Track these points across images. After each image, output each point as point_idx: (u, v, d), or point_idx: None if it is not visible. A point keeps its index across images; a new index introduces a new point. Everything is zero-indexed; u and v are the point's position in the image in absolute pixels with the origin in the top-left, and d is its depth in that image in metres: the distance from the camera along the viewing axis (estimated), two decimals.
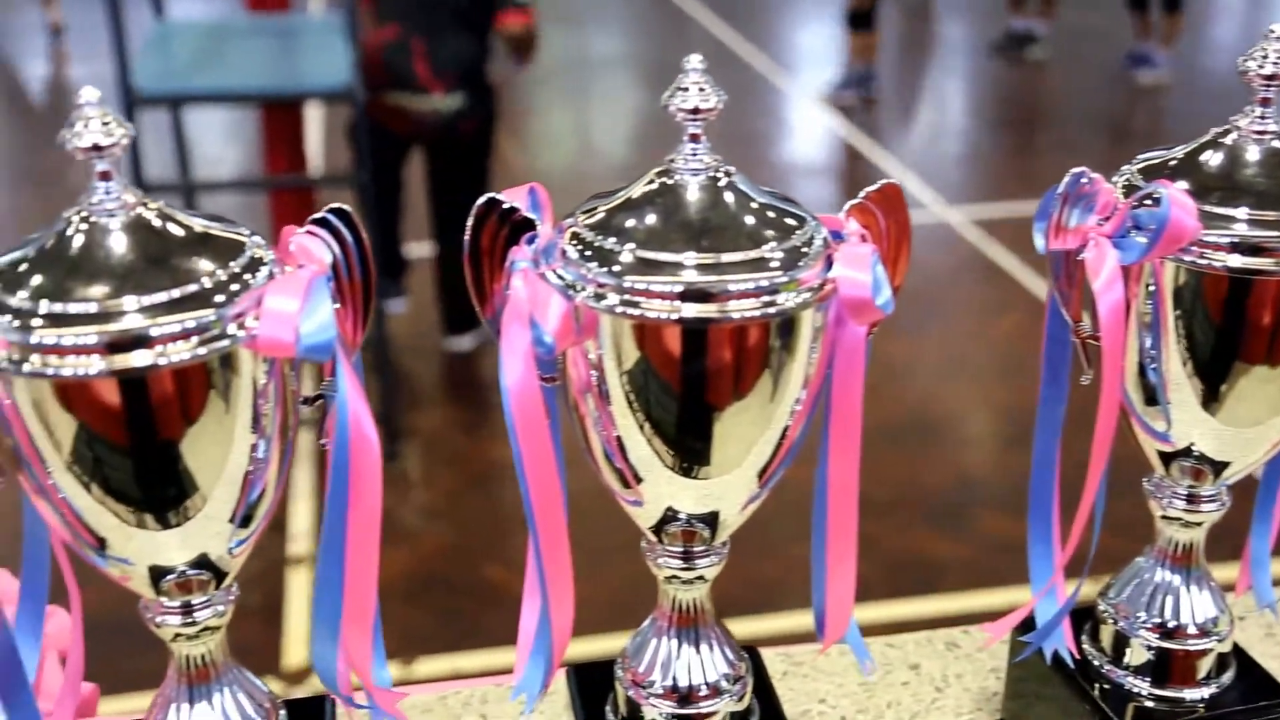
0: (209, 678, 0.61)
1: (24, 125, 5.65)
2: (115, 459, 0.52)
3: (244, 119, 4.76)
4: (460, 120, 3.20)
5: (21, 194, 4.70)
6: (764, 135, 5.28)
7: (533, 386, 0.55)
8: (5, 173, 5.01)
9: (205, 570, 0.58)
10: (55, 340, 0.50)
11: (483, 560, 2.74)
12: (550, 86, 5.88)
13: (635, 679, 0.65)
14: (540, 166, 4.93)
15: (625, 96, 6.12)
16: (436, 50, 3.13)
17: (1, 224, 4.36)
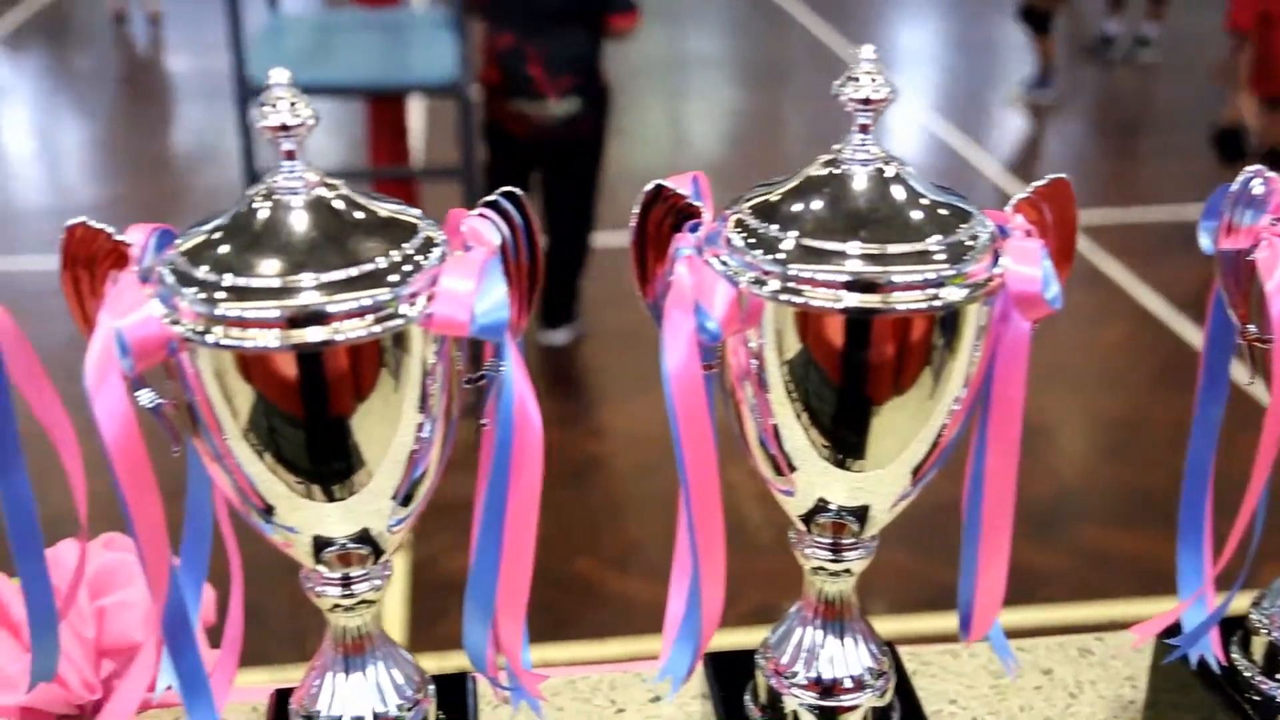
0: (363, 650, 0.62)
1: (126, 114, 5.81)
2: (288, 430, 0.53)
3: (345, 111, 4.84)
4: (576, 123, 3.22)
5: (125, 181, 4.83)
6: None
7: (695, 372, 0.55)
8: (109, 160, 5.16)
9: (365, 545, 0.59)
10: (238, 314, 0.51)
11: (575, 553, 2.76)
12: (648, 83, 5.90)
13: (777, 669, 0.65)
14: (635, 163, 4.94)
15: (722, 95, 6.11)
16: (551, 55, 3.16)
17: (105, 211, 4.49)
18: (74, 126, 5.57)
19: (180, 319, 0.51)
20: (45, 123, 5.63)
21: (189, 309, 0.51)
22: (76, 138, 5.46)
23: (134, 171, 4.91)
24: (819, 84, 4.78)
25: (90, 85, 6.13)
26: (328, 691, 0.62)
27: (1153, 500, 2.91)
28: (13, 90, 5.99)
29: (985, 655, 0.84)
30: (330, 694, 0.62)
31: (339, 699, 0.61)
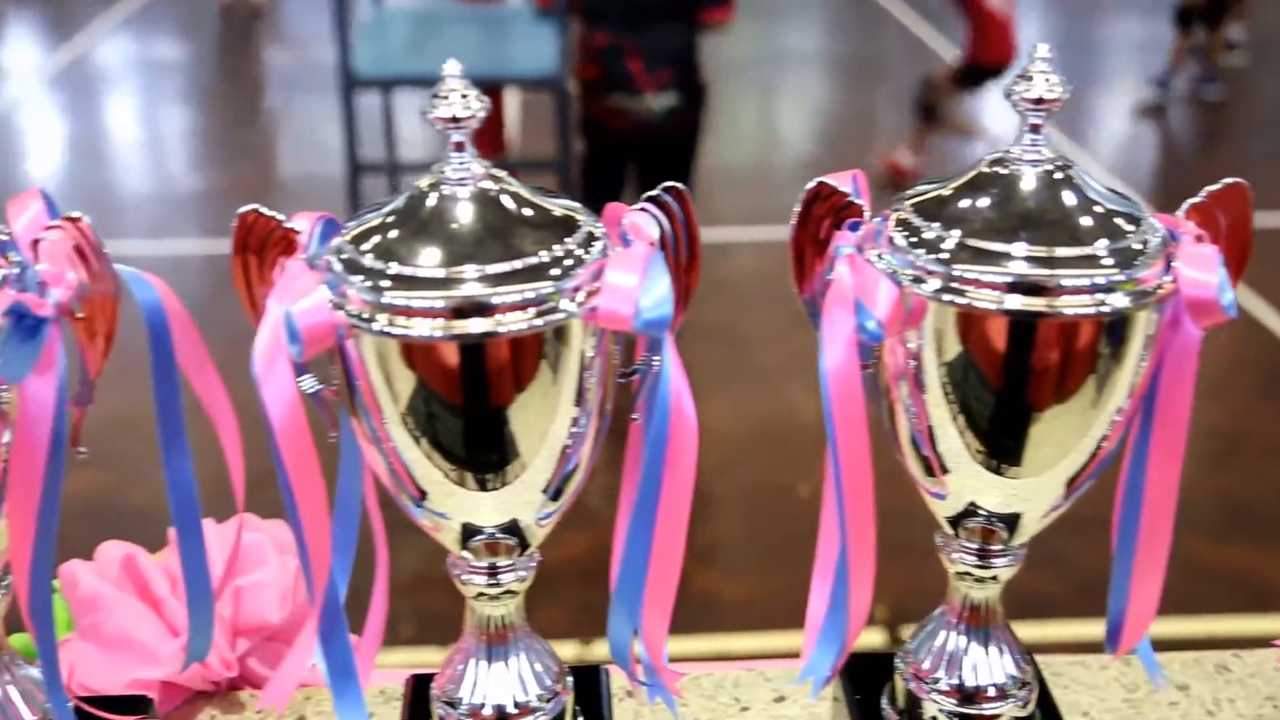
0: (506, 639, 0.62)
1: (229, 104, 5.92)
2: (447, 417, 0.54)
3: None
4: (674, 118, 3.21)
5: (225, 171, 4.93)
6: None
7: (853, 371, 0.55)
8: (211, 149, 5.27)
9: (513, 536, 0.59)
10: (404, 302, 0.52)
11: None
12: (741, 79, 5.88)
13: (918, 673, 0.64)
14: (727, 159, 4.93)
15: (816, 92, 6.07)
16: (649, 50, 3.16)
17: (205, 200, 4.58)
18: (178, 115, 5.70)
19: (347, 306, 0.52)
20: (150, 111, 5.77)
21: (356, 296, 0.52)
22: (179, 126, 5.58)
23: (234, 161, 5.01)
24: (915, 81, 4.72)
25: (195, 75, 6.27)
26: (470, 679, 0.62)
27: (1254, 513, 2.83)
28: (121, 79, 6.15)
29: (1116, 667, 0.82)
30: (472, 682, 0.62)
31: (481, 687, 0.62)
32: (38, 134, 5.30)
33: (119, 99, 5.90)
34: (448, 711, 0.62)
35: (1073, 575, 2.52)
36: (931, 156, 4.58)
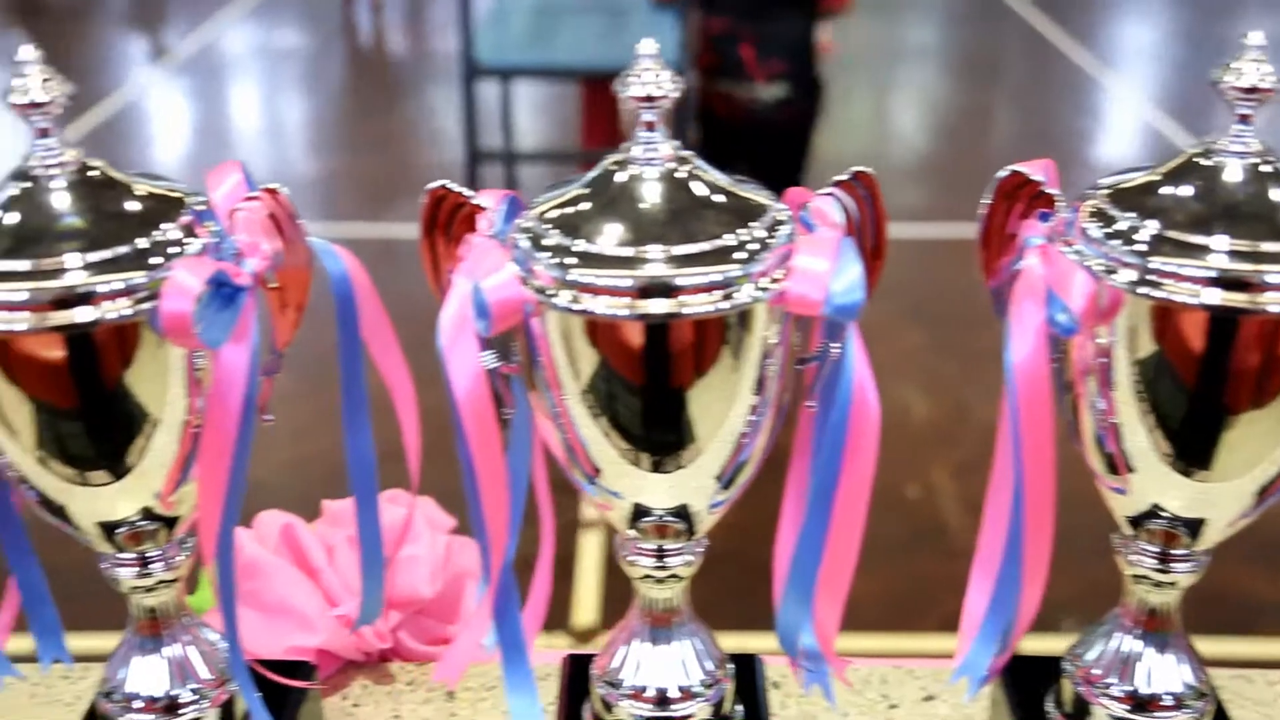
0: (670, 623, 0.62)
1: (348, 92, 6.03)
2: (627, 397, 0.54)
3: (550, 91, 4.92)
4: (783, 109, 3.19)
5: (344, 158, 5.02)
6: (1082, 133, 5.05)
7: (1041, 363, 0.53)
8: (329, 137, 5.37)
9: (682, 520, 0.59)
10: (591, 280, 0.52)
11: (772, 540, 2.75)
12: (858, 73, 5.81)
13: (1088, 677, 0.63)
14: (842, 152, 4.87)
15: (933, 87, 5.97)
16: (763, 39, 3.13)
17: (323, 186, 4.67)
18: (298, 103, 5.83)
19: (534, 282, 0.52)
20: (275, 99, 5.90)
21: (544, 273, 0.52)
22: (300, 114, 5.70)
23: (353, 149, 5.10)
24: (1036, 78, 4.61)
25: (316, 64, 6.40)
26: (633, 661, 0.62)
27: None
28: (247, 66, 6.31)
29: None
30: (636, 664, 0.62)
31: (644, 669, 0.62)
32: (166, 119, 5.46)
33: (244, 86, 6.04)
34: (609, 692, 0.62)
35: (1194, 590, 2.46)
36: None
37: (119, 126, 5.20)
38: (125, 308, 0.51)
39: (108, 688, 0.62)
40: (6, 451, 0.54)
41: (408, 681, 0.80)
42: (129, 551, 0.60)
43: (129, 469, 0.56)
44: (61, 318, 0.51)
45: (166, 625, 0.62)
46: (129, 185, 0.55)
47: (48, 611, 0.64)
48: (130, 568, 0.60)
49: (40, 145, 0.53)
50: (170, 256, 0.52)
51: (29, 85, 0.52)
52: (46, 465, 0.55)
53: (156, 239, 0.53)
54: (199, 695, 0.62)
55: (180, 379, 0.54)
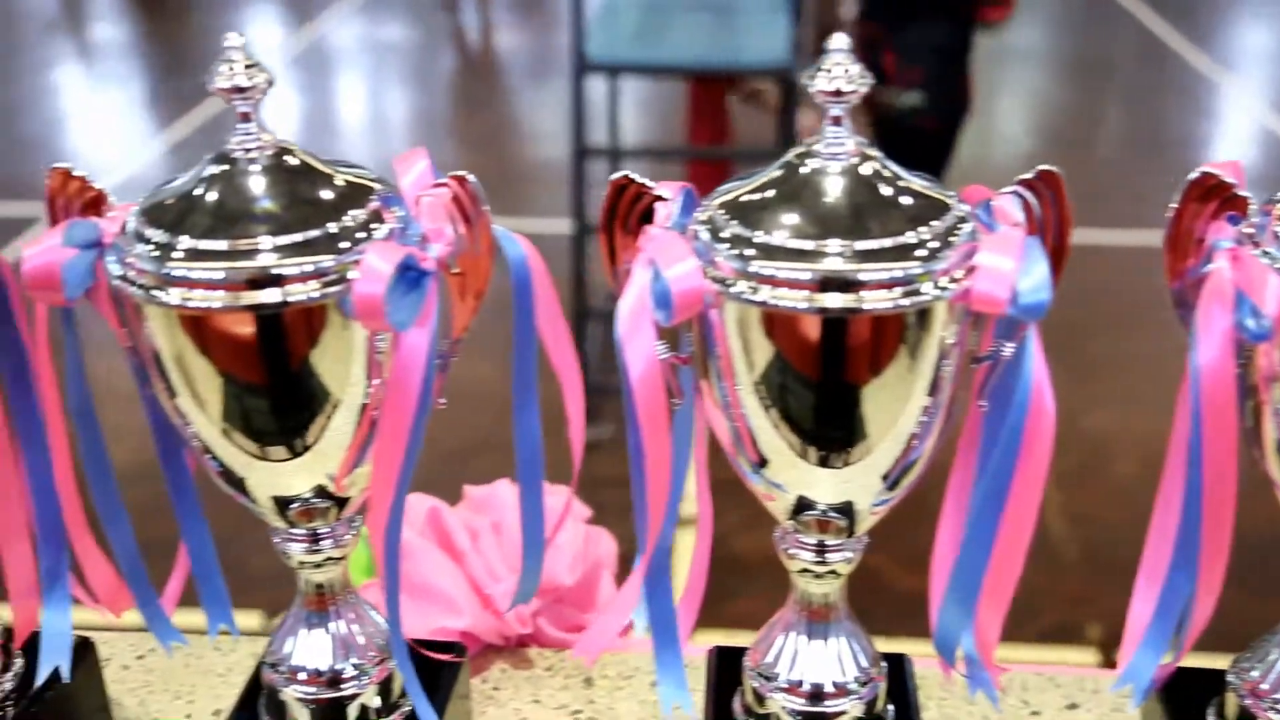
0: (827, 619, 0.62)
1: (454, 88, 6.11)
2: (800, 390, 0.54)
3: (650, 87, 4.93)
4: (916, 118, 3.14)
5: (449, 154, 5.08)
6: (1197, 138, 4.92)
7: (1227, 368, 0.52)
8: (435, 132, 5.44)
9: (844, 517, 0.59)
10: (771, 272, 0.52)
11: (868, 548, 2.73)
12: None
13: (1255, 690, 0.61)
14: None
15: (1041, 89, 5.87)
16: (905, 46, 3.10)
17: None
18: (404, 97, 5.92)
19: (715, 273, 0.53)
20: (383, 93, 6.00)
21: (724, 264, 0.52)
22: (405, 108, 5.79)
23: (459, 144, 5.17)
24: (1149, 81, 4.50)
25: (421, 59, 6.49)
26: (788, 655, 0.62)
27: None
28: (357, 61, 6.42)
29: None
30: (791, 657, 0.62)
31: (799, 664, 0.62)
32: (276, 111, 5.58)
33: (353, 80, 6.15)
34: (762, 684, 0.62)
35: None
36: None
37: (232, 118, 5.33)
38: (314, 290, 0.53)
39: (273, 659, 0.64)
40: (194, 422, 0.56)
41: (546, 667, 0.82)
42: (300, 527, 0.61)
43: (307, 447, 0.57)
44: (253, 298, 0.52)
45: (332, 601, 0.64)
46: (321, 171, 0.56)
47: (216, 582, 0.66)
48: (301, 543, 0.62)
49: (241, 129, 0.55)
50: (358, 242, 0.54)
51: (234, 70, 0.53)
52: (229, 437, 0.56)
53: (345, 224, 0.54)
54: (360, 671, 0.64)
55: (361, 362, 0.56)
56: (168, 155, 4.68)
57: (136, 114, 5.60)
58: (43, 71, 6.21)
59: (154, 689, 0.80)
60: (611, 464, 0.96)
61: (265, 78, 0.54)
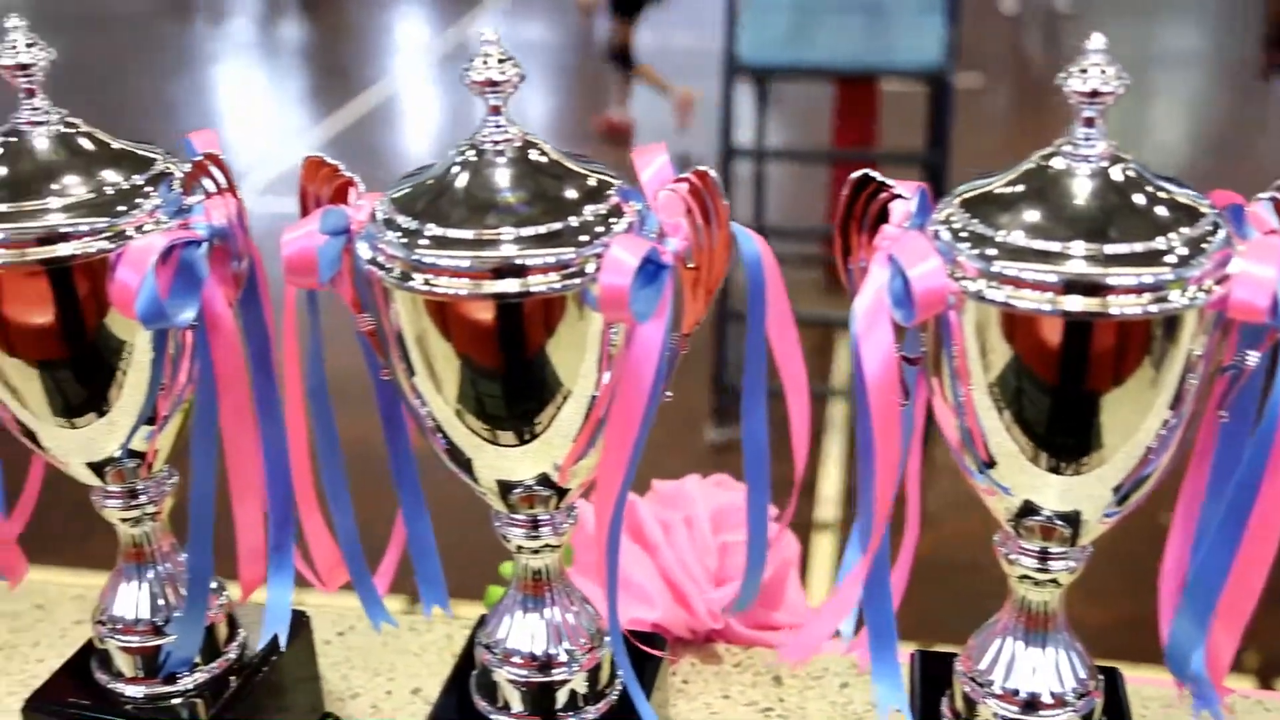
0: (1045, 627, 0.61)
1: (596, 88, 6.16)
2: (1036, 395, 0.53)
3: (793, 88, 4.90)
4: None
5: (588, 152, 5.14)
6: None
7: None
8: (578, 132, 5.49)
9: (1070, 526, 0.58)
10: (1015, 273, 0.51)
11: None
12: None
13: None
14: None
15: (1198, 95, 5.67)
16: None
17: None
18: (543, 97, 6.00)
19: (956, 272, 0.52)
20: (525, 92, 6.10)
21: (966, 263, 0.52)
22: (544, 107, 5.87)
23: (595, 141, 5.22)
24: None
25: (562, 58, 6.57)
26: (1004, 662, 0.61)
27: None
28: None
29: None
30: (1007, 664, 0.61)
31: (1017, 672, 0.61)
32: (421, 109, 5.71)
33: None
34: (975, 690, 0.62)
35: None
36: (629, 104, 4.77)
37: (382, 114, 5.47)
38: (554, 281, 0.54)
39: (489, 640, 0.66)
40: (429, 402, 0.58)
41: (735, 663, 0.82)
42: (521, 513, 0.63)
43: (535, 435, 0.58)
44: (495, 286, 0.54)
45: (548, 587, 0.65)
46: (564, 165, 0.57)
47: (433, 562, 0.68)
48: (521, 528, 0.63)
49: (491, 121, 0.56)
50: (597, 235, 0.55)
51: (487, 64, 0.55)
52: (462, 418, 0.58)
53: (586, 218, 0.55)
54: (571, 657, 0.65)
55: (595, 354, 0.56)
56: (323, 149, 4.81)
57: (293, 109, 5.79)
58: (202, 68, 6.46)
59: (354, 665, 0.83)
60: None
61: (517, 72, 0.55)
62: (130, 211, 0.59)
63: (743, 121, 3.76)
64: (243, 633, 0.71)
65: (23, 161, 0.59)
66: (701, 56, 4.92)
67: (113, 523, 0.68)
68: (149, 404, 0.62)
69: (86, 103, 0.75)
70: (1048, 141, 0.55)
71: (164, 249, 0.56)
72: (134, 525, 0.68)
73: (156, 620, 0.68)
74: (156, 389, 0.62)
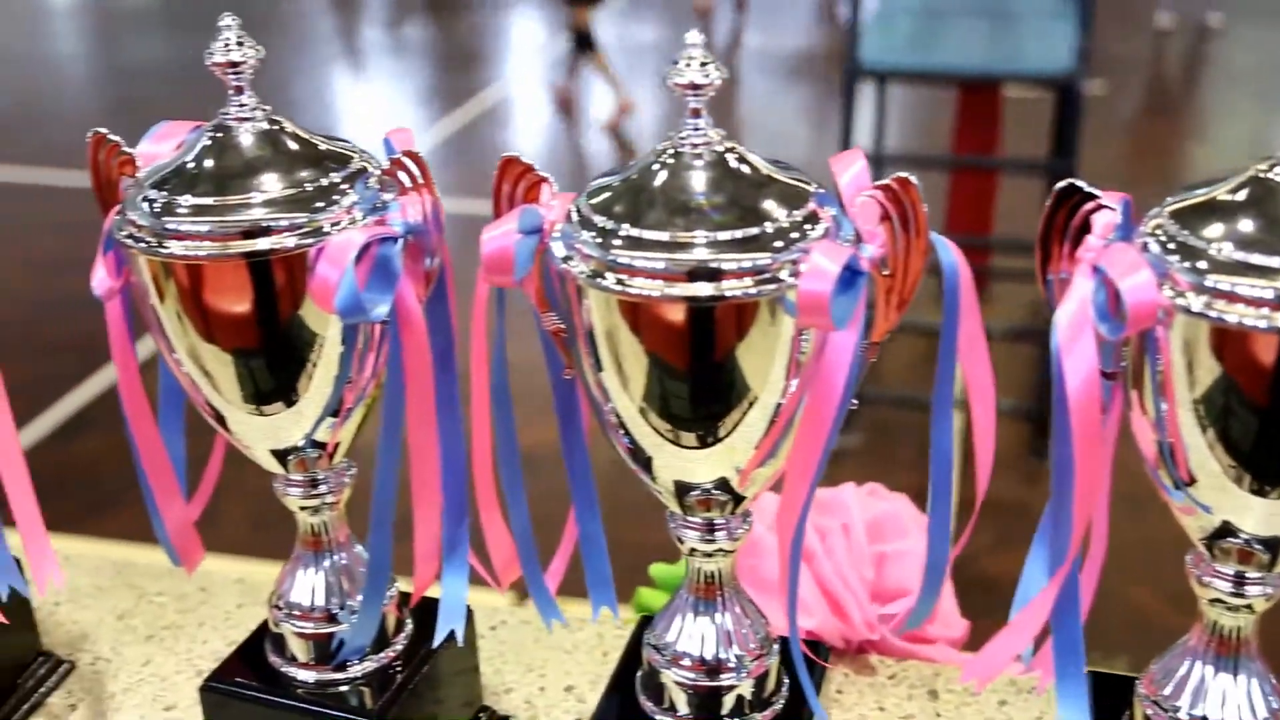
0: (1237, 652, 0.59)
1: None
2: (1245, 414, 0.51)
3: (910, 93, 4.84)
4: None
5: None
6: None
7: None
8: None
9: (1268, 551, 0.56)
10: (1228, 287, 0.50)
11: (1130, 582, 2.61)
12: (1237, 89, 5.40)
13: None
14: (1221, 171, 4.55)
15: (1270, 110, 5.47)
16: None
17: None
18: (655, 97, 6.01)
19: (1168, 285, 0.51)
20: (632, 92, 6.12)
21: (1179, 276, 0.51)
22: (656, 108, 5.88)
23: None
24: None
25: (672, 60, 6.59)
26: (1191, 688, 0.60)
27: None
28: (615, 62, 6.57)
29: None
30: (1194, 691, 0.59)
31: (1206, 699, 0.59)
32: (535, 111, 5.76)
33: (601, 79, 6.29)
34: (1158, 713, 0.60)
35: None
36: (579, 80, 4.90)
37: (497, 115, 5.54)
38: (749, 286, 0.54)
39: (658, 642, 0.66)
40: (614, 398, 0.58)
41: (889, 675, 0.81)
42: (697, 516, 0.63)
43: (718, 439, 0.58)
44: (688, 289, 0.54)
45: (719, 592, 0.65)
46: (760, 169, 0.57)
47: (603, 563, 0.68)
48: (696, 531, 0.63)
49: (690, 124, 0.56)
50: (792, 241, 0.54)
51: (690, 67, 0.55)
52: (646, 417, 0.58)
53: (782, 224, 0.55)
54: (740, 663, 0.65)
55: (784, 361, 0.56)
56: (439, 149, 4.90)
57: (410, 109, 5.89)
58: (323, 68, 6.60)
59: (507, 660, 0.84)
60: (858, 472, 0.96)
61: (719, 76, 0.55)
62: (328, 208, 0.60)
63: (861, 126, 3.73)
64: (410, 625, 0.73)
65: (228, 156, 0.61)
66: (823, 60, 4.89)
67: (292, 510, 0.69)
68: (335, 396, 0.64)
69: (207, 99, 0.78)
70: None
71: (362, 245, 0.57)
72: (313, 514, 0.69)
73: (331, 608, 0.69)
74: (344, 382, 0.63)
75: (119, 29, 7.29)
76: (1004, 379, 3.12)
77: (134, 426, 0.66)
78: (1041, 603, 0.58)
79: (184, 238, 0.59)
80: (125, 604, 0.90)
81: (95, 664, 0.84)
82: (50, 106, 5.86)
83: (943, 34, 3.34)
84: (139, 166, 0.63)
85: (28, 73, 6.30)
